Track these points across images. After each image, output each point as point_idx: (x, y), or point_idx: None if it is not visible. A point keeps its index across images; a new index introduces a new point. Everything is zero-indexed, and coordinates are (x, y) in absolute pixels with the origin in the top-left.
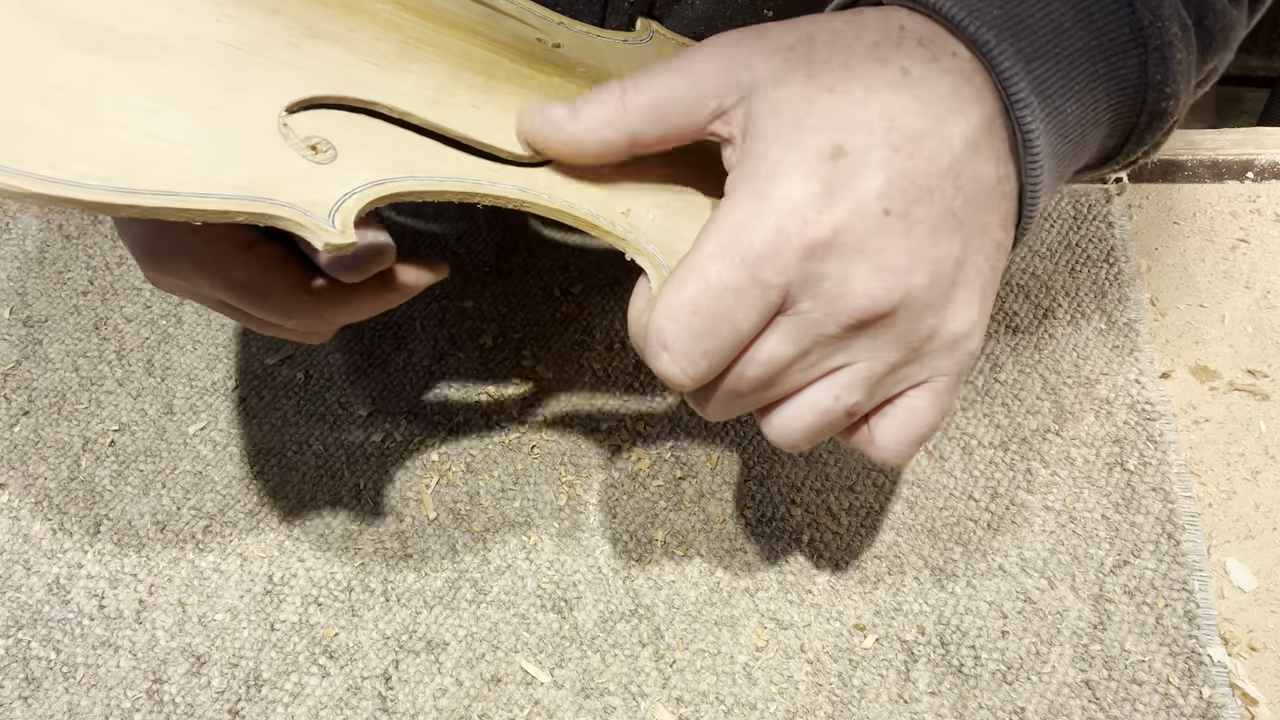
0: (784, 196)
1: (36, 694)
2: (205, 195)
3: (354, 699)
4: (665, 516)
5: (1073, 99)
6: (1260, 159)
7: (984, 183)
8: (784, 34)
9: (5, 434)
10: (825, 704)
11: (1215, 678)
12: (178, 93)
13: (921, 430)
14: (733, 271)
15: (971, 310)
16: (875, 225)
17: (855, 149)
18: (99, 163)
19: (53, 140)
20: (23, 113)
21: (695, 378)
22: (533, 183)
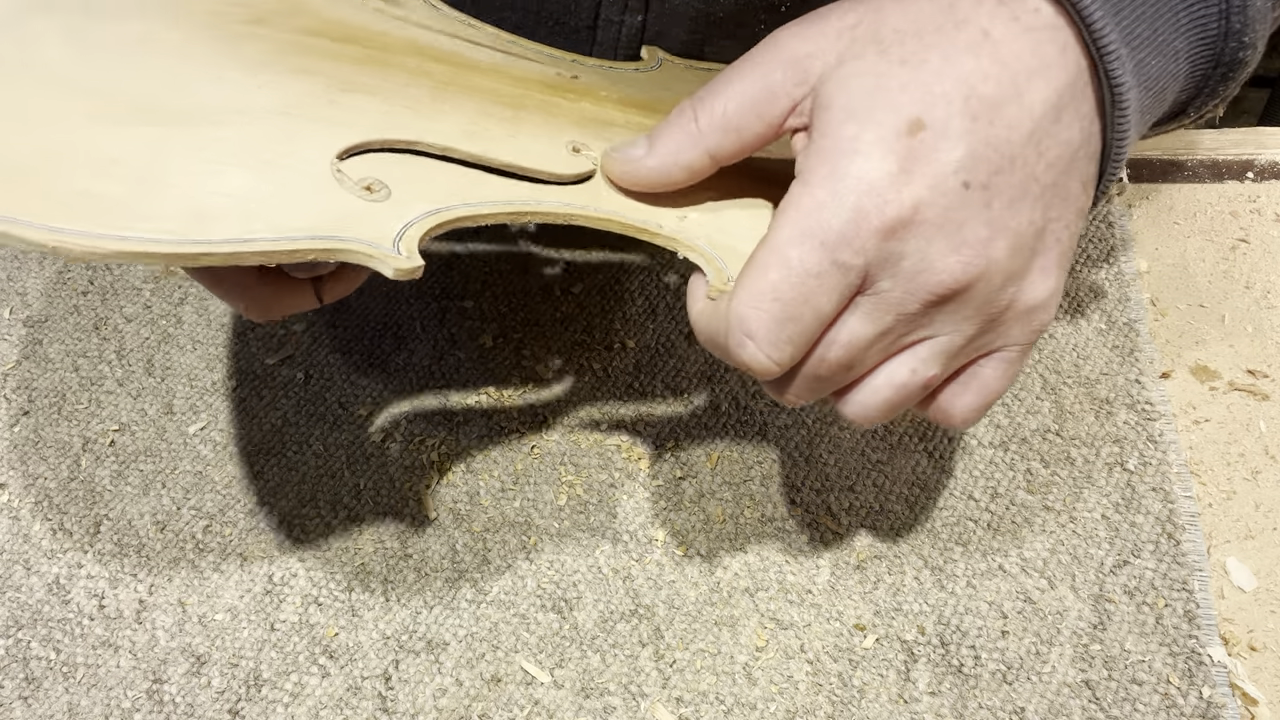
0: (861, 175)
1: (36, 694)
2: (276, 239)
3: (354, 699)
4: (665, 516)
5: (1156, 51)
6: (1260, 159)
7: (1068, 146)
8: (845, 13)
9: (5, 434)
10: (825, 704)
11: (1215, 678)
12: (234, 154)
13: (992, 397)
14: (813, 255)
15: (1049, 279)
16: (955, 200)
17: (933, 122)
18: (168, 219)
19: (121, 205)
20: (90, 184)
21: (781, 364)
22: (577, 197)
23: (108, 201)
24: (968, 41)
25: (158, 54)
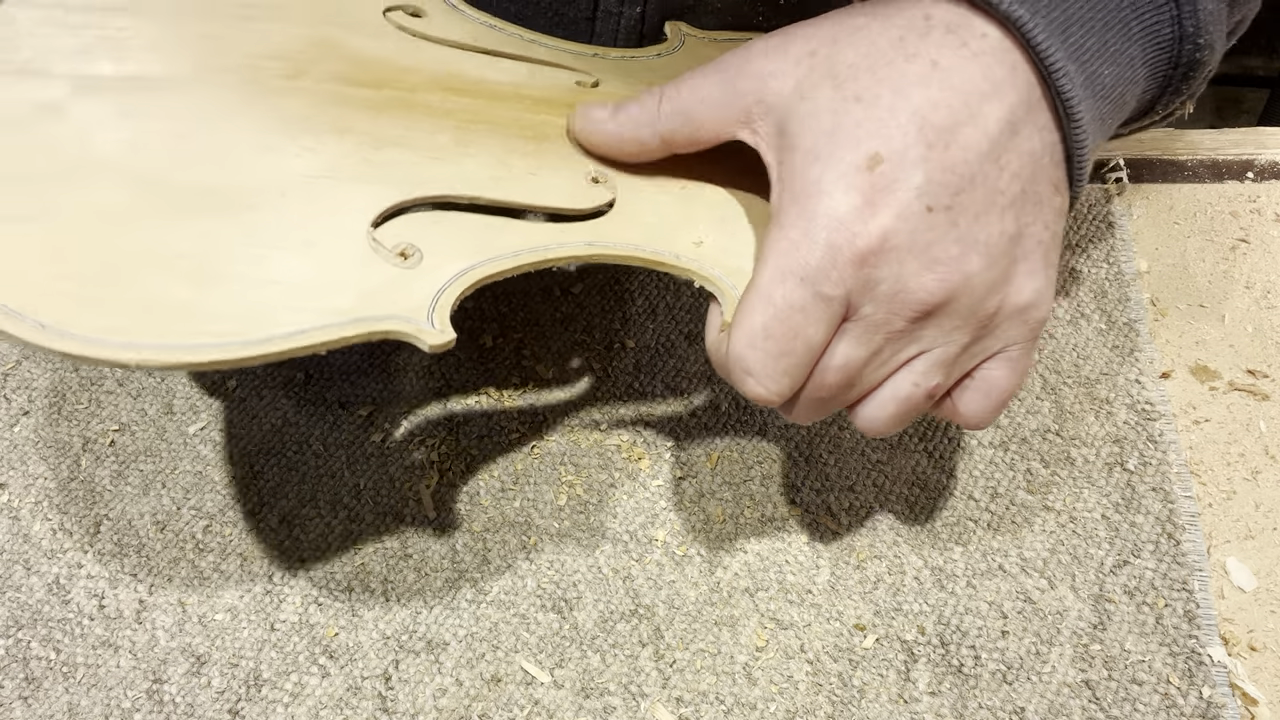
0: (829, 213)
1: (36, 694)
2: (326, 327)
3: (354, 699)
4: (665, 516)
5: (1108, 61)
6: (1260, 159)
7: (1030, 156)
8: (807, 39)
9: (5, 434)
10: (825, 704)
11: (1215, 678)
12: (278, 235)
13: (1003, 397)
14: (795, 291)
15: (1036, 280)
16: (920, 224)
17: (890, 154)
18: (229, 319)
19: (186, 308)
20: (155, 288)
21: (780, 394)
22: (598, 235)
23: (174, 307)
24: (918, 74)
25: (207, 130)
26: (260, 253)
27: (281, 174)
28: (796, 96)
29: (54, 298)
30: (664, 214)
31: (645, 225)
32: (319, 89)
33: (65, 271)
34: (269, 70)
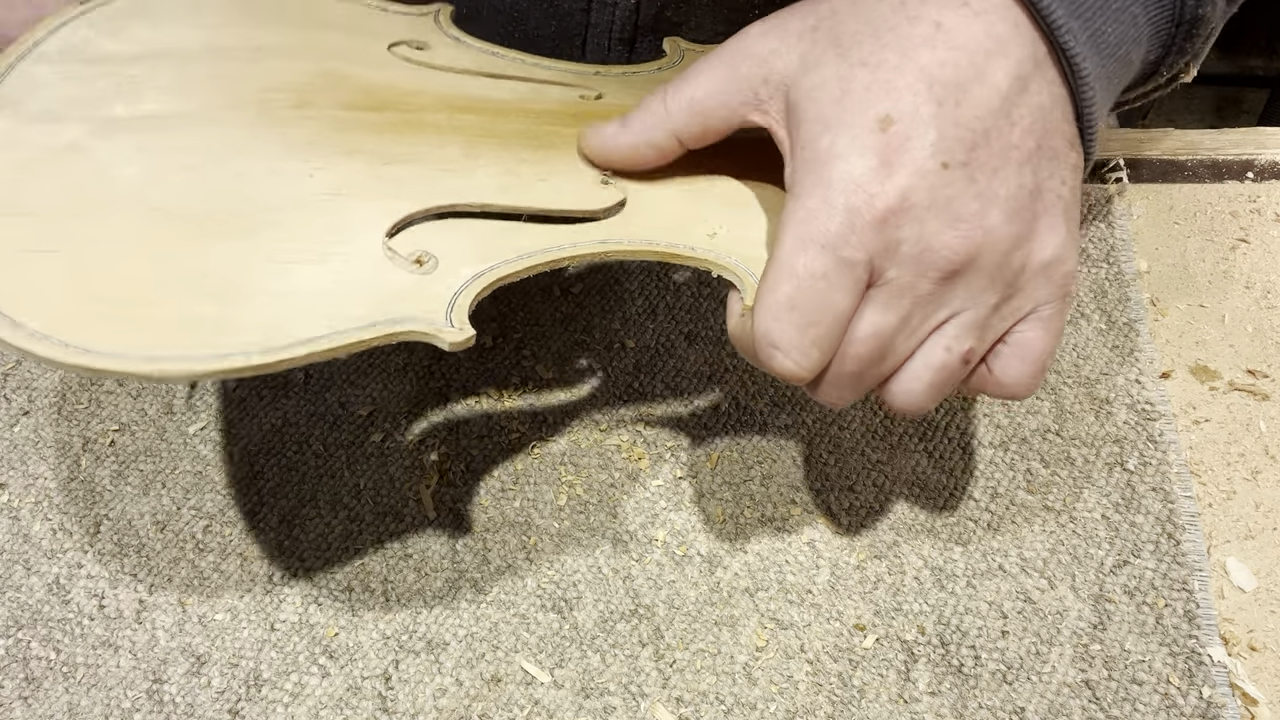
0: (844, 176)
1: (36, 694)
2: (345, 331)
3: (354, 699)
4: (665, 516)
5: (1111, 18)
6: (1260, 159)
7: (1042, 111)
8: (805, 15)
9: (5, 434)
10: (825, 704)
11: (1215, 678)
12: (296, 250)
13: (1041, 358)
14: (817, 259)
15: (1058, 235)
16: (938, 180)
17: (901, 114)
18: (251, 331)
19: (215, 323)
20: (187, 307)
21: (811, 368)
22: (612, 233)
23: (199, 323)
24: (922, 35)
25: (220, 159)
26: (280, 267)
27: (296, 194)
28: (801, 71)
29: (80, 319)
30: (676, 208)
31: (658, 220)
32: (326, 115)
33: (91, 294)
34: (277, 102)
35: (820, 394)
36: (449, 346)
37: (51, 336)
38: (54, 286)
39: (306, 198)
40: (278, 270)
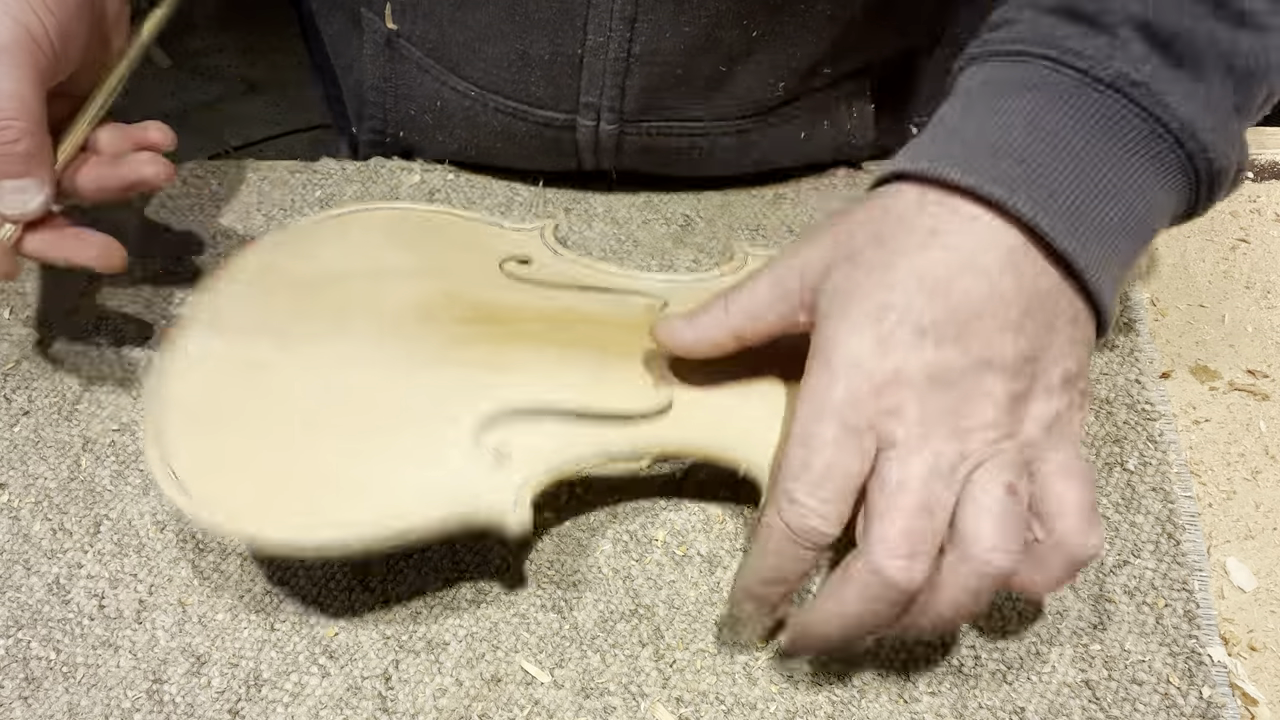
0: (845, 357)
1: (36, 694)
2: (436, 521)
3: (354, 699)
4: (665, 516)
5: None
6: (1260, 159)
7: (1036, 288)
8: (830, 233)
9: (5, 434)
10: (825, 704)
11: (1215, 678)
12: (410, 450)
13: (1081, 502)
14: (826, 428)
15: (1054, 398)
16: (931, 356)
17: (895, 304)
18: (367, 515)
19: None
20: (326, 499)
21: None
22: (657, 433)
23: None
24: (918, 241)
25: (360, 370)
26: (395, 464)
27: (414, 400)
28: (824, 278)
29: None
30: (720, 411)
31: (703, 423)
32: (443, 331)
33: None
34: (406, 318)
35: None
36: (513, 536)
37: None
38: (242, 483)
39: (421, 403)
40: (393, 467)
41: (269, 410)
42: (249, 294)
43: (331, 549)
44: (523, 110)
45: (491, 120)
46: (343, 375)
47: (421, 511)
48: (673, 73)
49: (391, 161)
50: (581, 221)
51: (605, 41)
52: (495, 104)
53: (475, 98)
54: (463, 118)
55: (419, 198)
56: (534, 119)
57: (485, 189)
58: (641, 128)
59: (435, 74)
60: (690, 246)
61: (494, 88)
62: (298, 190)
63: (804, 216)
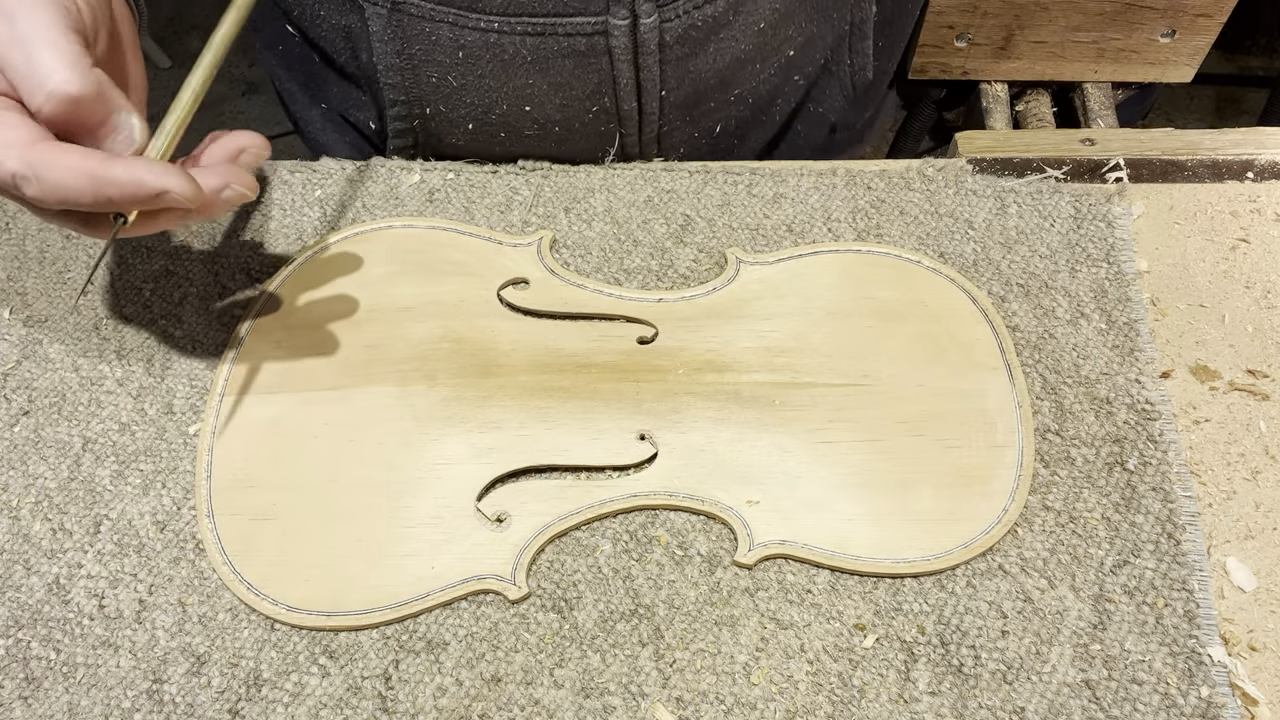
0: None
1: (36, 694)
2: (447, 588)
3: (354, 699)
4: (665, 516)
5: None
6: (1260, 159)
7: None
8: None
9: (5, 434)
10: (825, 704)
11: (1215, 678)
12: (416, 516)
13: None
14: None
15: None
16: None
17: None
18: (386, 591)
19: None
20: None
21: None
22: (646, 486)
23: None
24: None
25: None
26: (407, 531)
27: (420, 465)
28: None
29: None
30: (708, 466)
31: (683, 475)
32: (443, 387)
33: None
34: (410, 374)
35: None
36: (513, 600)
37: (261, 592)
38: (268, 549)
39: (424, 465)
40: (401, 534)
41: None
42: (272, 346)
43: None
44: (551, 24)
45: (520, 50)
46: (358, 438)
47: (432, 593)
48: None
49: (391, 161)
50: (581, 221)
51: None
52: (522, 27)
53: (500, 28)
54: (490, 59)
55: (418, 198)
56: (565, 31)
57: (484, 188)
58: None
59: (451, 20)
60: (690, 246)
61: (518, 9)
62: (298, 190)
63: (804, 216)
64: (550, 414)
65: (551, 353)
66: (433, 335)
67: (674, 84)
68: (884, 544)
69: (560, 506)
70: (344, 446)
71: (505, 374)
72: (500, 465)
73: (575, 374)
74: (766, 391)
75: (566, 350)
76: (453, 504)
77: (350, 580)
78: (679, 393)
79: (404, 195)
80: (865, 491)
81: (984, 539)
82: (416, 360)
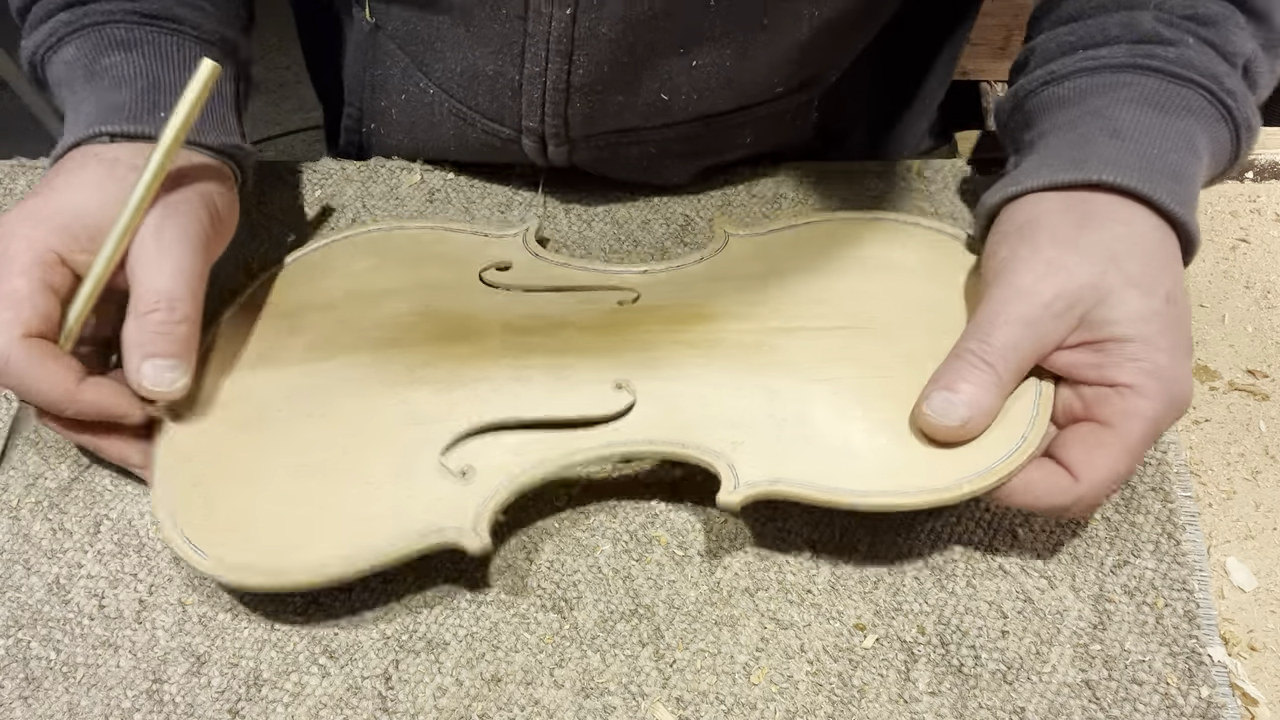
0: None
1: (36, 694)
2: (406, 544)
3: (354, 699)
4: (665, 516)
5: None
6: (1260, 159)
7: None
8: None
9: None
10: (825, 704)
11: (1215, 678)
12: (382, 477)
13: None
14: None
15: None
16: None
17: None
18: (338, 547)
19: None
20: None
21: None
22: (618, 434)
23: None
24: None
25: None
26: (367, 490)
27: (386, 425)
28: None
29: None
30: (690, 412)
31: (664, 422)
32: (414, 352)
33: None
34: (381, 340)
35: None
36: (474, 554)
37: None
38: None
39: (390, 427)
40: (362, 494)
41: (262, 450)
42: (249, 328)
43: (300, 589)
44: (473, 118)
45: (446, 121)
46: (326, 404)
47: (390, 547)
48: (613, 99)
49: (392, 161)
50: (581, 221)
51: (542, 71)
52: (450, 107)
53: (434, 96)
54: (424, 114)
55: (418, 197)
56: (484, 128)
57: (485, 190)
58: (590, 144)
59: (404, 68)
60: (690, 246)
61: (450, 91)
62: (298, 190)
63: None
64: (523, 371)
65: (528, 317)
66: (408, 309)
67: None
68: (887, 474)
69: (528, 457)
70: (307, 416)
71: (479, 339)
72: (467, 420)
73: (551, 332)
74: (755, 338)
75: (544, 314)
76: (416, 460)
77: (306, 538)
78: (660, 343)
79: (404, 195)
80: (864, 424)
81: (1002, 465)
82: (388, 329)
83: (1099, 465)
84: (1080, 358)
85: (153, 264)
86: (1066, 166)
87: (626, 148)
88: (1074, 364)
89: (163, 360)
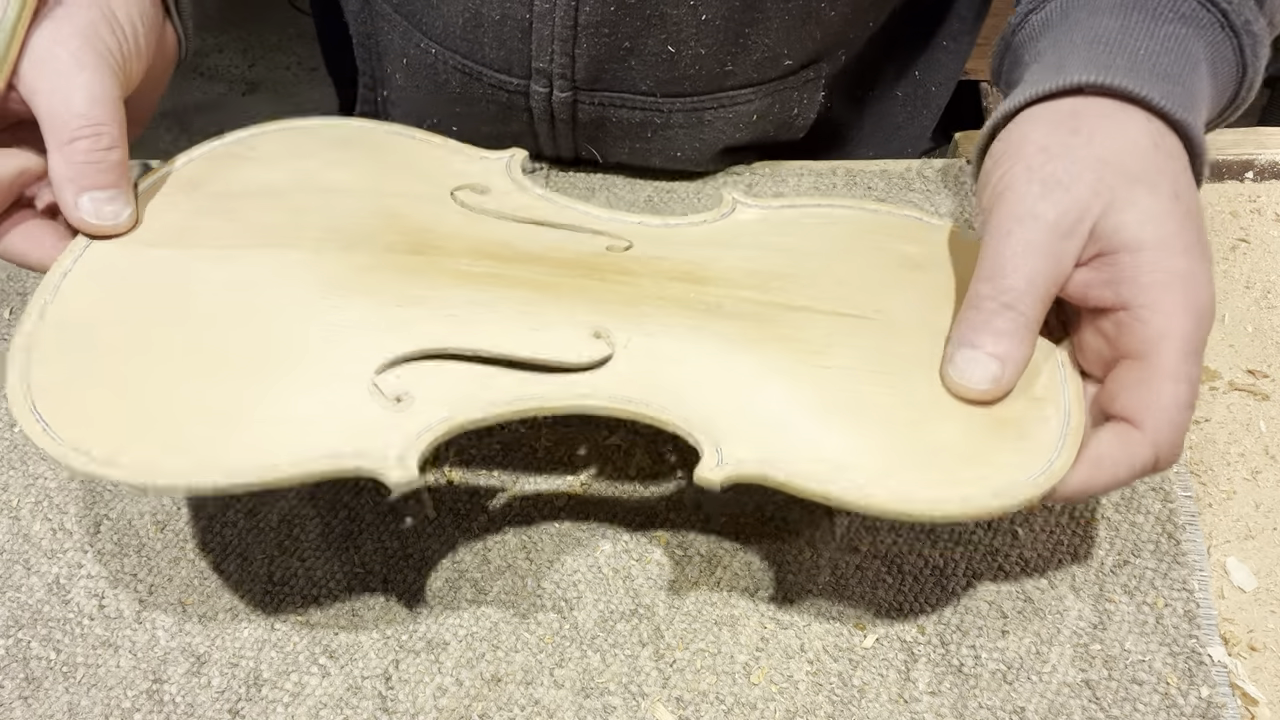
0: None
1: (36, 694)
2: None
3: (354, 699)
4: (665, 516)
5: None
6: (1260, 159)
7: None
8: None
9: (5, 434)
10: (825, 704)
11: (1215, 678)
12: (297, 385)
13: None
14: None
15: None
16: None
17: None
18: (245, 450)
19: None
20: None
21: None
22: (592, 388)
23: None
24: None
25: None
26: (280, 395)
27: (314, 329)
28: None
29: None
30: (675, 378)
31: (644, 382)
32: (364, 257)
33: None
34: (329, 242)
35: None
36: (393, 485)
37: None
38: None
39: (319, 331)
40: (277, 398)
41: (157, 337)
42: (168, 205)
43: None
44: (478, 71)
45: (450, 80)
46: (246, 297)
47: (303, 462)
48: (620, 45)
49: None
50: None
51: (551, 8)
52: (454, 63)
53: (436, 55)
54: (426, 77)
55: None
56: (489, 81)
57: None
58: (595, 97)
59: (402, 30)
60: None
61: (452, 45)
62: None
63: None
64: (488, 300)
65: (501, 245)
66: (362, 209)
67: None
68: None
69: (479, 396)
70: (221, 306)
71: (441, 255)
72: (412, 342)
73: (526, 264)
74: (755, 309)
75: (520, 245)
76: (343, 371)
77: (192, 441)
78: (650, 298)
79: None
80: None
81: (1025, 486)
82: (335, 229)
83: (1154, 403)
84: (1093, 275)
85: (60, 84)
86: (1049, 75)
87: (631, 112)
88: (1088, 284)
89: (101, 192)
